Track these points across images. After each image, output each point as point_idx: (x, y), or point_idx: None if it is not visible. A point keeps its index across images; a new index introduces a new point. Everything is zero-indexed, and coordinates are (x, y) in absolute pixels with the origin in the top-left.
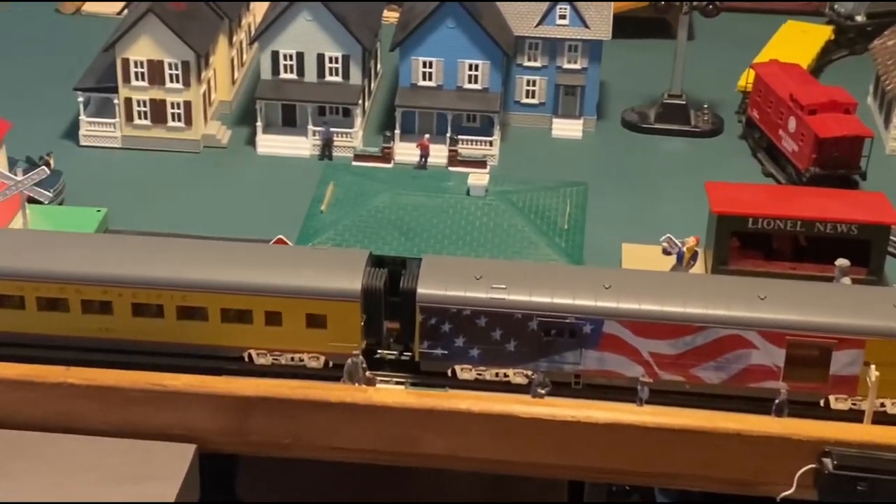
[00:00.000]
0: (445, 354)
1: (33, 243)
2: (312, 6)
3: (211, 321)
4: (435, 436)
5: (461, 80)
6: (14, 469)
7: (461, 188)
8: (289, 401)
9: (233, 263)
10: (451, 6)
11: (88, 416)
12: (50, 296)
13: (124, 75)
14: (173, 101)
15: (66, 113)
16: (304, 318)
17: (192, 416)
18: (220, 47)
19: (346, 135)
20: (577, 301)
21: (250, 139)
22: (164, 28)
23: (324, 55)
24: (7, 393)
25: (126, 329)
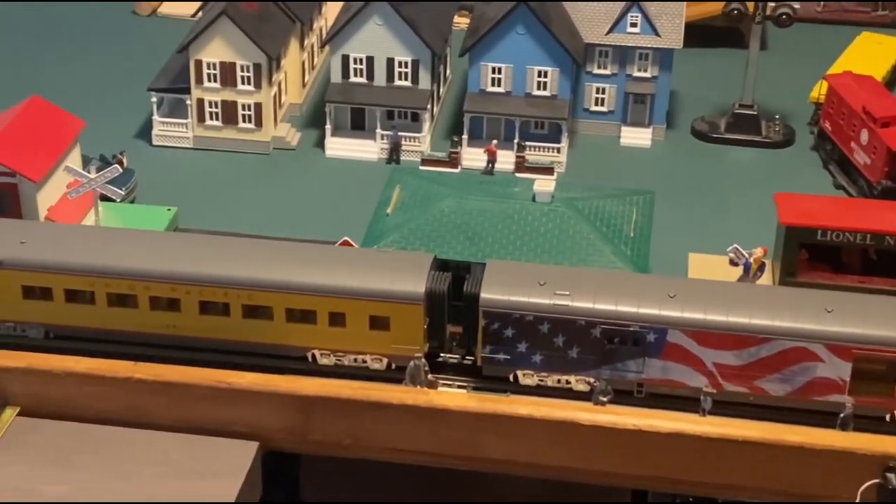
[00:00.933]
0: (508, 359)
1: (104, 240)
2: (383, 11)
3: (276, 320)
4: (495, 440)
5: (530, 87)
6: (83, 461)
7: (527, 194)
8: (350, 401)
9: (298, 264)
10: (521, 13)
11: (155, 410)
12: (119, 292)
13: (197, 76)
14: (244, 103)
15: (140, 113)
16: (367, 320)
17: (256, 413)
18: (292, 50)
19: (413, 139)
20: (642, 309)
21: (319, 141)
22: (236, 30)
23: (393, 59)
24: (77, 387)
25: (193, 326)
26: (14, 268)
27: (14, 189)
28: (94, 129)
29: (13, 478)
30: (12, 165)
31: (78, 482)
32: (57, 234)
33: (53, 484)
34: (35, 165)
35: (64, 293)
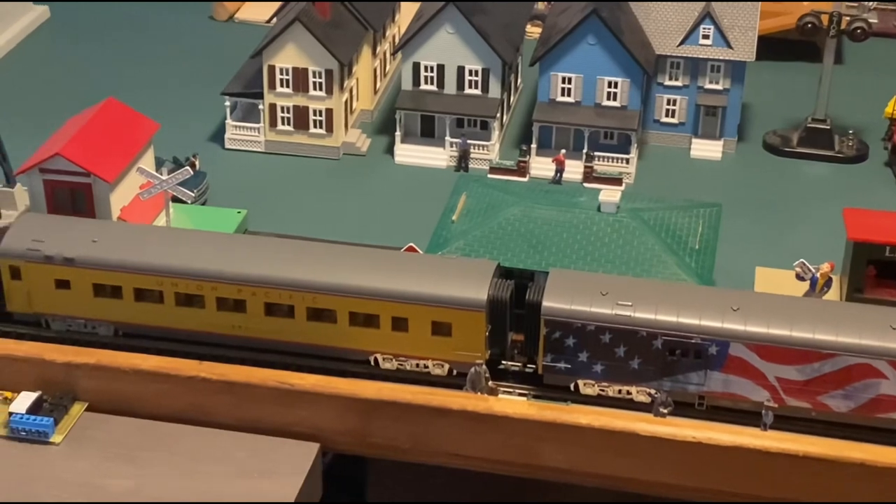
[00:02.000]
0: (569, 368)
1: (174, 240)
2: (455, 20)
3: (339, 324)
4: (555, 448)
5: (600, 97)
6: (148, 457)
7: (593, 204)
8: (410, 406)
9: (363, 268)
10: (592, 23)
11: (219, 409)
12: (187, 292)
13: (270, 82)
14: (316, 109)
15: (214, 116)
16: (429, 325)
17: (317, 415)
18: (364, 57)
19: (482, 147)
20: (704, 322)
21: (389, 148)
22: (309, 37)
23: (464, 68)
24: (143, 384)
25: (258, 327)
26: (86, 266)
27: (88, 189)
28: (169, 131)
29: (79, 471)
30: (87, 166)
31: (142, 477)
32: (128, 233)
33: (118, 478)
34: (109, 166)
35: (133, 292)
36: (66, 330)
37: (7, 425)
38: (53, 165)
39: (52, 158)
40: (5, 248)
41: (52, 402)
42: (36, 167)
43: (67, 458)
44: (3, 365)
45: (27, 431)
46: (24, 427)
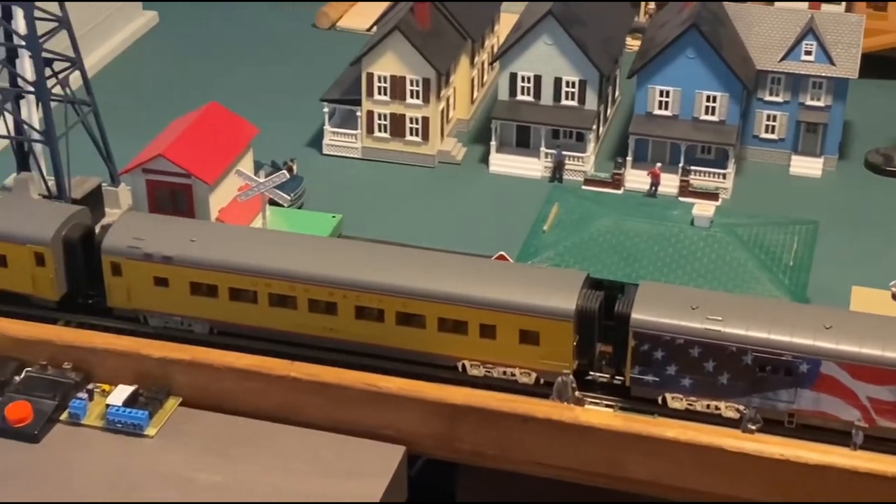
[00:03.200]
0: (656, 382)
1: (269, 242)
2: (554, 31)
3: (428, 329)
4: (640, 461)
5: (698, 111)
6: (238, 453)
7: (686, 218)
8: (496, 412)
9: (453, 275)
10: (692, 37)
11: (308, 409)
12: (280, 293)
13: (368, 89)
14: (412, 116)
15: (313, 122)
16: (517, 334)
17: (404, 418)
18: (462, 67)
19: (577, 159)
20: (795, 339)
21: (484, 157)
22: (408, 46)
23: (561, 79)
24: (237, 382)
25: (348, 330)
26: (183, 264)
27: (188, 190)
28: (268, 135)
29: (171, 464)
30: (188, 167)
31: (231, 473)
32: (225, 234)
33: (208, 473)
34: (209, 168)
35: (228, 291)
36: (163, 326)
37: (104, 417)
38: (156, 166)
39: (155, 159)
40: (107, 245)
41: (147, 396)
42: (139, 168)
43: (160, 450)
44: (101, 358)
45: (123, 423)
46: (120, 419)
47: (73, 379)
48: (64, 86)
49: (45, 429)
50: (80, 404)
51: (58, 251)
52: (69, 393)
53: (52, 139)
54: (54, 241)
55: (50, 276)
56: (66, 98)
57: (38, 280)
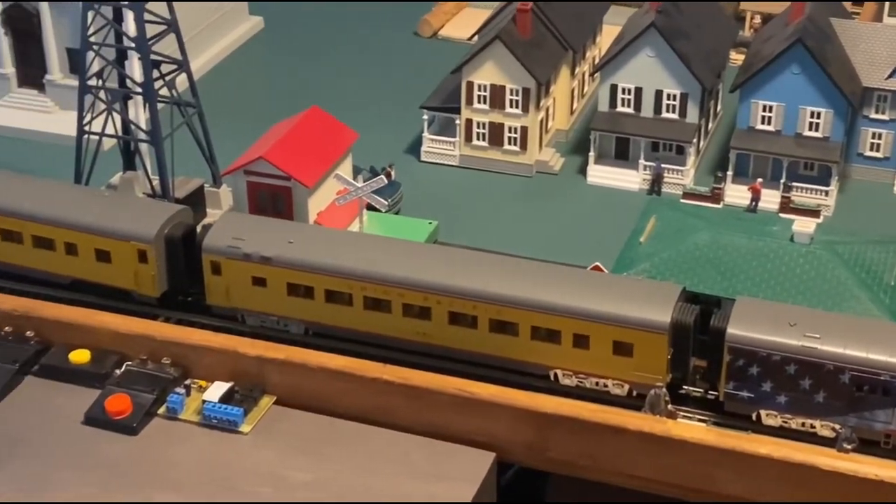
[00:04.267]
0: (751, 398)
1: (365, 246)
2: (656, 44)
3: (521, 337)
4: (731, 476)
5: (801, 127)
6: (329, 452)
7: (786, 234)
8: (588, 423)
9: (547, 284)
10: (797, 52)
11: (399, 412)
12: (375, 296)
13: (468, 97)
14: (511, 126)
15: (412, 129)
16: (611, 345)
17: (495, 425)
18: (562, 77)
19: (677, 172)
20: (894, 359)
21: (582, 168)
22: (509, 55)
23: (662, 91)
24: (329, 382)
25: (441, 335)
26: (281, 265)
27: (288, 192)
28: (368, 141)
29: (265, 461)
30: (288, 170)
31: (322, 472)
32: (323, 236)
33: (300, 471)
34: (309, 171)
35: (324, 293)
36: (259, 326)
37: (200, 412)
38: (257, 168)
39: (256, 162)
40: (208, 244)
41: (242, 394)
42: (241, 169)
43: (254, 447)
44: (199, 355)
45: (218, 420)
46: (216, 415)
47: (172, 374)
48: (170, 88)
49: (143, 422)
50: (177, 399)
51: (160, 249)
52: (167, 388)
53: (158, 139)
54: (157, 238)
55: (152, 272)
56: (173, 100)
57: (140, 276)
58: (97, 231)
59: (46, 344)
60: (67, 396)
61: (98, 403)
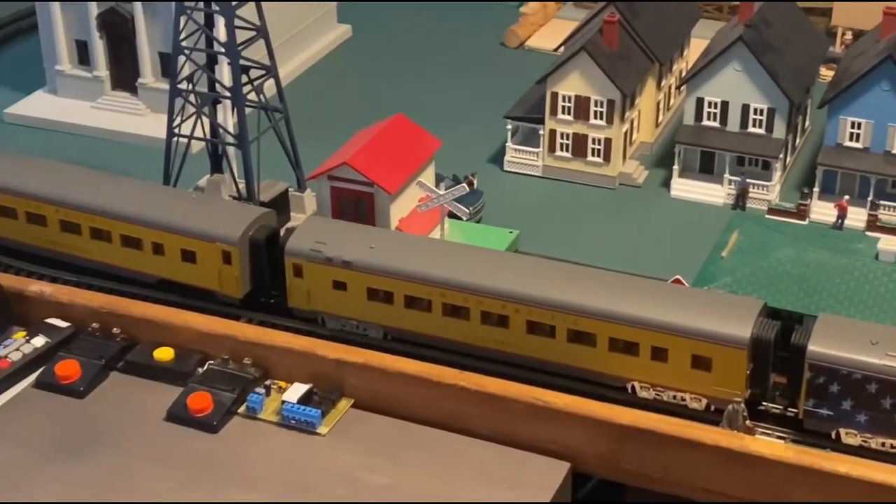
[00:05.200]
0: (831, 416)
1: (446, 253)
2: (744, 57)
3: (598, 348)
4: (807, 494)
5: (890, 145)
6: (405, 456)
7: (871, 252)
8: (664, 435)
9: (626, 295)
10: (887, 69)
11: (474, 418)
12: (454, 303)
13: (552, 108)
14: (595, 137)
15: (496, 139)
16: (689, 358)
17: (570, 435)
18: (648, 90)
19: (762, 187)
20: None
21: (665, 181)
22: (594, 66)
23: (749, 106)
24: (406, 386)
25: (518, 344)
26: (362, 270)
27: (371, 198)
28: (451, 149)
29: (342, 463)
30: (371, 176)
31: (398, 475)
32: (404, 243)
33: (376, 474)
34: (391, 178)
35: (404, 298)
36: (339, 329)
37: (279, 412)
38: (340, 174)
39: (340, 167)
40: (291, 247)
41: (321, 395)
42: (324, 174)
43: (331, 449)
44: (279, 356)
45: (296, 420)
46: (294, 416)
47: (253, 374)
48: (258, 93)
49: (223, 420)
50: (257, 399)
51: (244, 251)
52: (248, 387)
53: (245, 143)
54: (241, 240)
55: (235, 274)
56: (260, 104)
57: (224, 277)
58: (183, 232)
59: (132, 341)
60: (151, 393)
61: (180, 401)
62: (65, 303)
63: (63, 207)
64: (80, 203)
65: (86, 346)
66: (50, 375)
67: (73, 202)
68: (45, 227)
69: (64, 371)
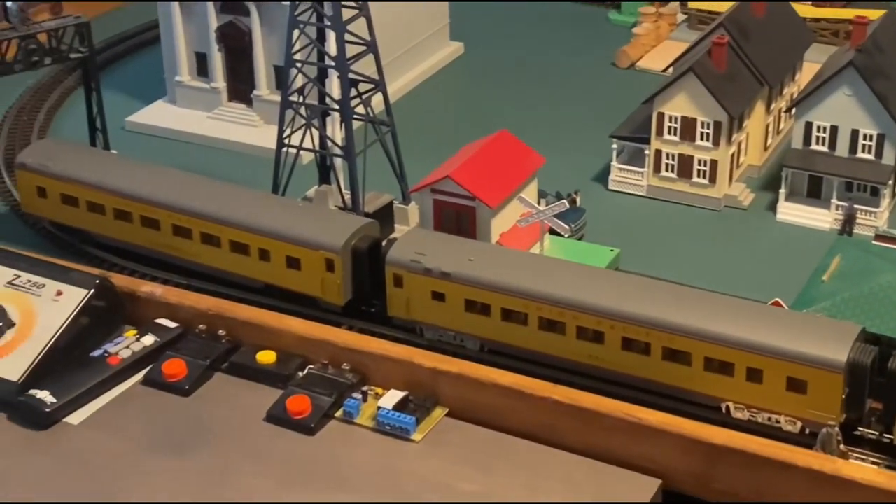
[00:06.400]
0: None
1: (544, 268)
2: (854, 82)
3: (694, 367)
4: None
5: None
6: (495, 466)
7: None
8: (757, 456)
9: (723, 315)
10: None
11: (566, 432)
12: (550, 317)
13: (658, 128)
14: (700, 158)
15: (600, 157)
16: (784, 380)
17: (662, 452)
18: (757, 112)
19: (870, 213)
20: None
21: (771, 205)
22: (701, 88)
23: (858, 131)
24: (501, 398)
25: (613, 360)
26: (460, 282)
27: (472, 212)
28: (555, 167)
29: (434, 470)
30: (473, 190)
31: (488, 485)
32: (503, 257)
33: (467, 482)
34: (493, 192)
35: (501, 311)
36: (436, 339)
37: (374, 418)
38: (443, 187)
39: (443, 181)
40: (392, 257)
41: (416, 403)
42: (428, 187)
43: (424, 456)
44: (377, 363)
45: (391, 426)
46: (389, 422)
47: (350, 380)
48: (367, 106)
49: (320, 423)
50: (354, 404)
51: (346, 259)
52: (345, 392)
53: (352, 155)
54: (344, 249)
55: (338, 281)
56: (368, 118)
57: (326, 285)
58: (289, 239)
59: (236, 343)
60: (252, 394)
61: (280, 402)
62: (174, 304)
63: (176, 212)
64: (191, 208)
65: (192, 347)
66: (157, 373)
67: (186, 207)
68: (158, 231)
69: (171, 369)
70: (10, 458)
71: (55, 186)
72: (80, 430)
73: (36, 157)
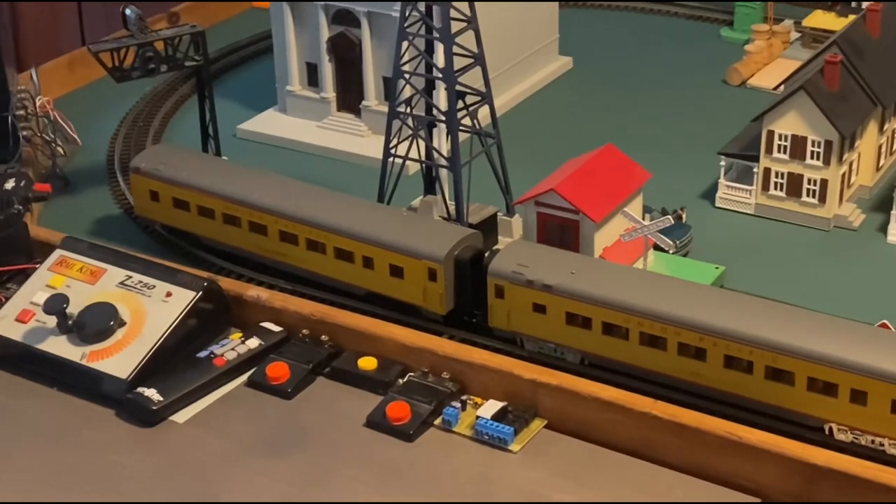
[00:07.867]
0: None
1: (647, 283)
2: None
3: (796, 387)
4: None
5: None
6: (592, 479)
7: None
8: (858, 479)
9: (827, 336)
10: None
11: (665, 448)
12: (651, 332)
13: (767, 146)
14: (810, 178)
15: (708, 175)
16: (889, 403)
17: (762, 471)
18: (869, 132)
19: None
20: None
21: (883, 226)
22: (813, 106)
23: None
24: (599, 412)
25: (714, 377)
26: (562, 294)
27: (576, 225)
28: (662, 183)
29: (530, 480)
30: (577, 204)
31: (584, 497)
32: (605, 270)
33: (562, 494)
34: (597, 207)
35: (602, 325)
36: (537, 351)
37: (472, 427)
38: (547, 200)
39: (547, 194)
40: (494, 268)
41: (514, 414)
42: (532, 200)
43: (521, 466)
44: (477, 373)
45: (489, 436)
46: (487, 431)
47: (450, 388)
48: (473, 118)
49: (419, 430)
50: (453, 412)
51: (449, 269)
52: (444, 400)
53: (457, 166)
54: (447, 259)
55: (440, 291)
56: (474, 130)
57: (428, 294)
58: (392, 248)
59: (338, 349)
60: (352, 399)
61: (380, 408)
62: (278, 308)
63: (283, 219)
64: (298, 215)
65: (295, 351)
66: (261, 376)
67: (292, 214)
68: (265, 237)
69: (274, 372)
70: (118, 454)
71: (167, 190)
72: (186, 429)
73: (149, 162)
